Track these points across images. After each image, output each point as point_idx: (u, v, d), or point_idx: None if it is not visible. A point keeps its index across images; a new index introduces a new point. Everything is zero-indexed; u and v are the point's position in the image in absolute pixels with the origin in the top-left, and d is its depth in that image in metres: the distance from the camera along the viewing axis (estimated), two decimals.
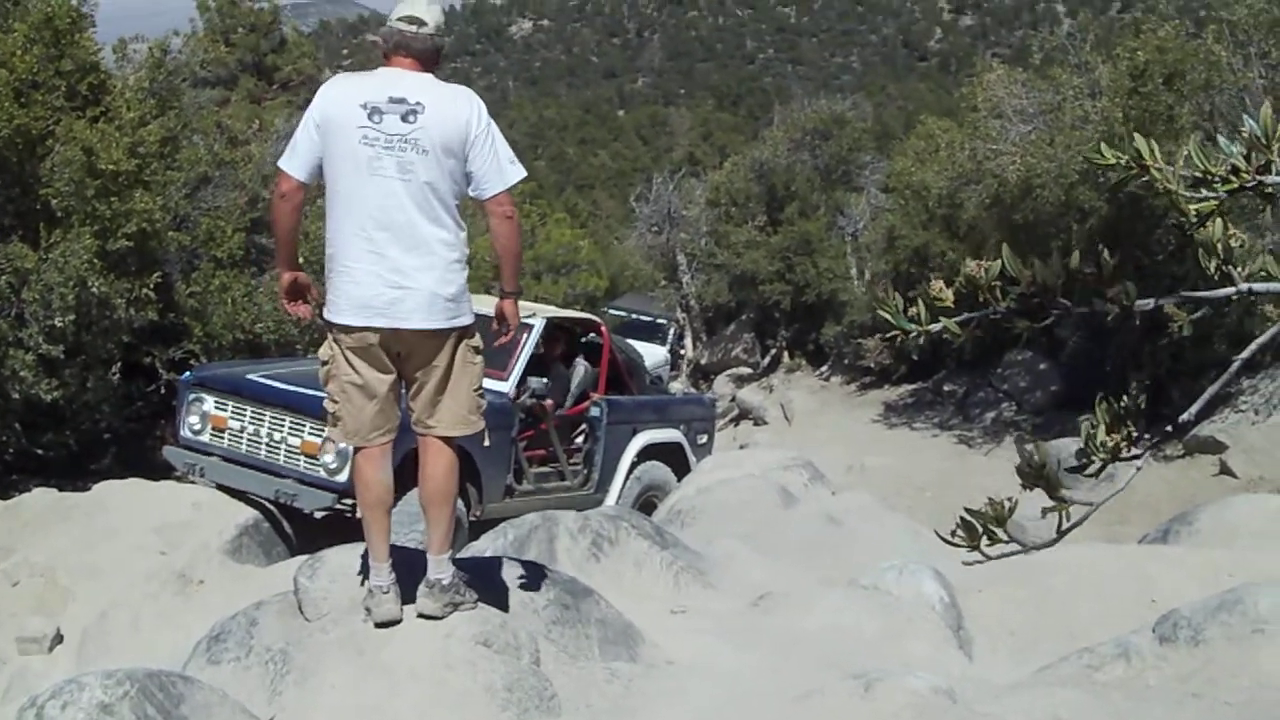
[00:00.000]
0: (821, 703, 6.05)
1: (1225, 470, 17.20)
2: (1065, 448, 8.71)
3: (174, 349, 15.86)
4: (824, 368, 33.27)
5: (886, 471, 19.70)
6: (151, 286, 14.53)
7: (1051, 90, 22.73)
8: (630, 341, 18.73)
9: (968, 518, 3.12)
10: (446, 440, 6.17)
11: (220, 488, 11.39)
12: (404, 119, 5.81)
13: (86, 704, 5.10)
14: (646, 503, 13.63)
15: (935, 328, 3.07)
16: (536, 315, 13.19)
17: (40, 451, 14.08)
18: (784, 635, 7.62)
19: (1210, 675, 6.46)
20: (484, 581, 6.50)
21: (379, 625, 6.07)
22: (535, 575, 7.07)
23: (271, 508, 11.16)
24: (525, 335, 12.63)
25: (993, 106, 23.68)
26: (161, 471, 12.80)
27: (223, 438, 11.56)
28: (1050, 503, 3.12)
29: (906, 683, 6.09)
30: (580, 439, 13.63)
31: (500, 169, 5.96)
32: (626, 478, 13.74)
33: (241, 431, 11.44)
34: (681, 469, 14.31)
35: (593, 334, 14.24)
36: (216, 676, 6.15)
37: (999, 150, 22.61)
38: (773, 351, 35.53)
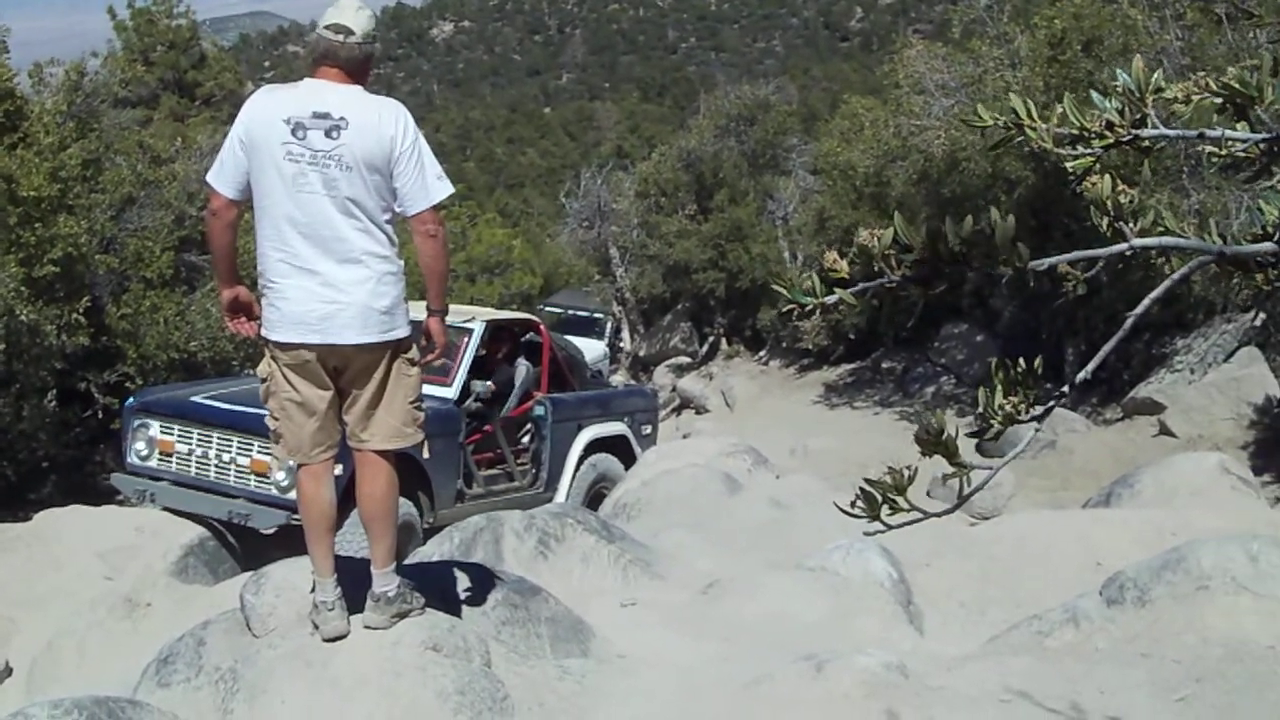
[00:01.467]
0: (773, 687, 6.07)
1: (1164, 430, 17.33)
2: None
3: (109, 373, 15.79)
4: (762, 352, 33.32)
5: (829, 453, 19.72)
6: (81, 311, 14.48)
7: (972, 63, 22.82)
8: (568, 338, 18.76)
9: (867, 488, 3.15)
10: (383, 454, 6.10)
11: (171, 511, 11.32)
12: (327, 134, 5.72)
13: None
14: (596, 495, 13.70)
15: (830, 299, 3.08)
16: (476, 318, 13.21)
17: None
18: (734, 622, 7.63)
19: (1157, 635, 6.53)
20: (431, 586, 6.47)
21: (327, 640, 6.03)
22: (482, 577, 7.05)
23: (218, 525, 11.10)
24: (466, 339, 12.69)
25: (914, 82, 23.76)
26: (103, 497, 12.71)
27: (171, 462, 11.48)
28: (950, 469, 3.15)
29: (857, 661, 6.12)
30: (526, 439, 13.66)
31: (425, 186, 5.87)
32: (575, 473, 13.77)
33: (190, 454, 11.35)
34: (628, 461, 14.36)
35: (532, 333, 14.24)
36: (167, 699, 6.11)
37: (923, 125, 22.70)
38: (710, 339, 35.60)
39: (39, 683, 8.62)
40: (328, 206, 5.73)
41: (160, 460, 11.54)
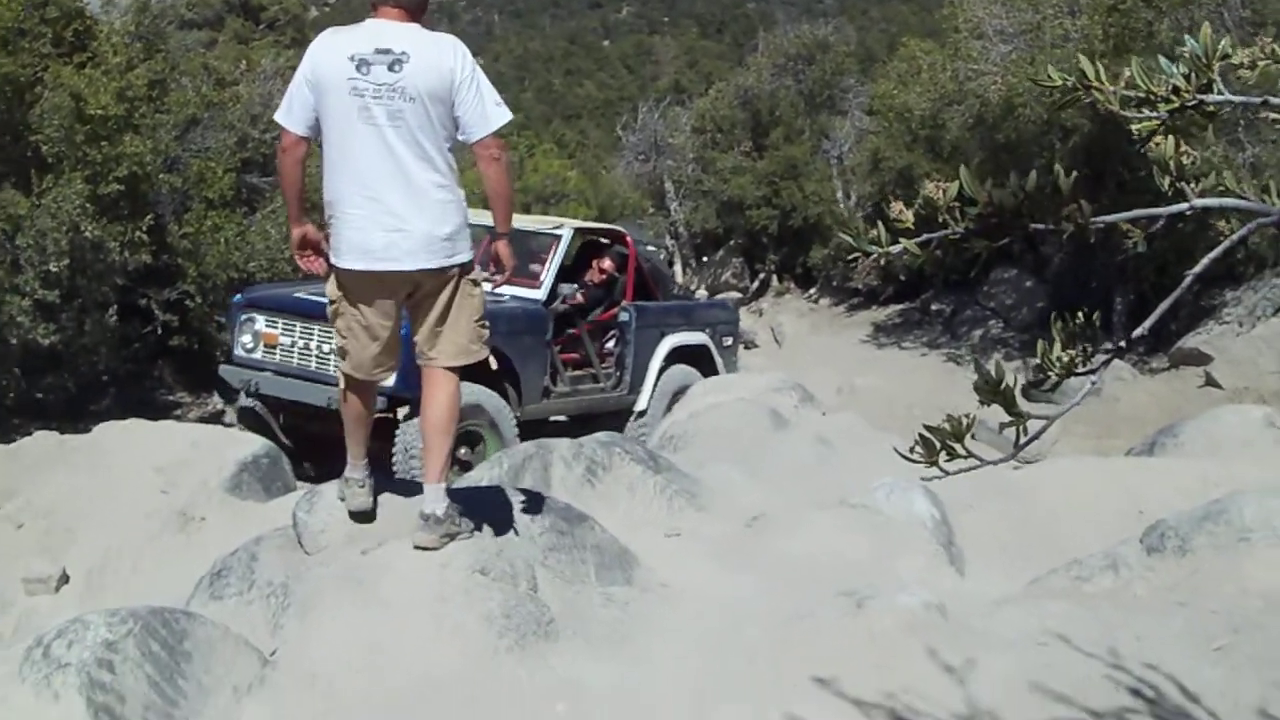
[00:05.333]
0: (814, 623, 6.14)
1: (1210, 382, 17.28)
2: None
3: (169, 290, 15.97)
4: (812, 290, 33.27)
5: (876, 392, 19.76)
6: (144, 229, 14.67)
7: (1031, 10, 22.68)
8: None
9: (926, 434, 3.21)
10: (448, 371, 6.31)
11: (272, 400, 12.17)
12: (390, 68, 5.93)
13: (91, 642, 5.20)
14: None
15: (895, 249, 3.14)
16: (564, 225, 13.97)
17: (40, 395, 14.23)
18: (776, 556, 7.69)
19: (1196, 584, 6.57)
20: (480, 510, 6.58)
21: (353, 514, 6.43)
22: (531, 502, 7.15)
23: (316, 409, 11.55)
24: (554, 245, 13.44)
25: (974, 27, 23.65)
26: (161, 411, 12.88)
27: (274, 353, 12.13)
28: (1008, 417, 3.20)
29: (898, 600, 6.19)
30: (611, 343, 14.17)
31: (485, 113, 6.06)
32: (657, 380, 14.30)
33: (292, 346, 12.01)
34: (709, 371, 14.93)
35: (618, 244, 14.74)
36: (219, 612, 6.23)
37: (980, 70, 22.61)
38: (761, 276, 35.51)
39: (94, 592, 8.73)
40: (391, 137, 5.95)
41: (265, 352, 12.19)
